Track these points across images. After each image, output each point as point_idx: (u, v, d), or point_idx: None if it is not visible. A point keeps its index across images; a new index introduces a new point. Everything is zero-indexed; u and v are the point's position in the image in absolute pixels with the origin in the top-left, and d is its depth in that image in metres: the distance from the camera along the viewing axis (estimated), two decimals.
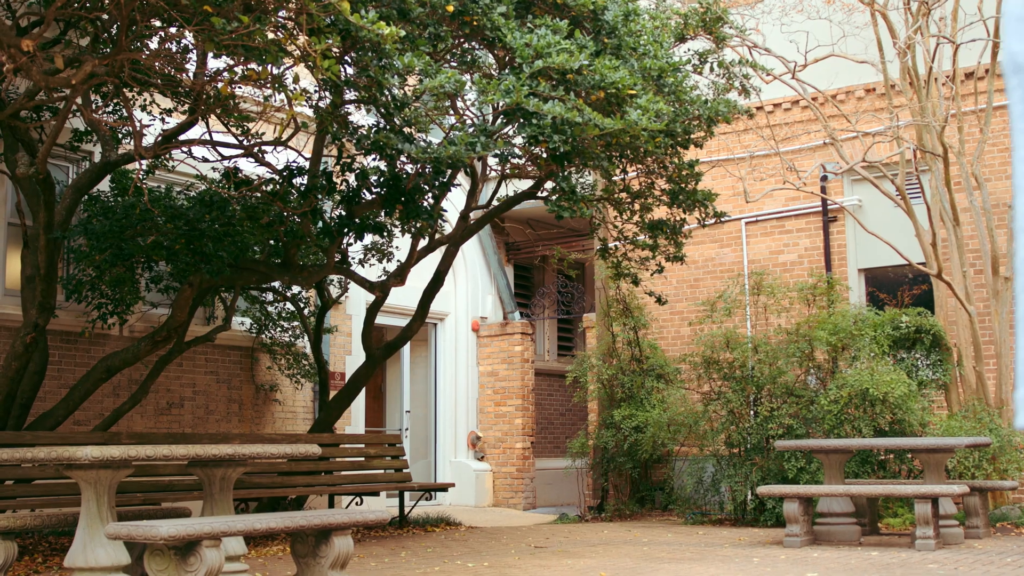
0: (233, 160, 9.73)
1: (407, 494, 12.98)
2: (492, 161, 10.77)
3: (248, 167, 10.69)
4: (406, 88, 8.60)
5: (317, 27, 6.92)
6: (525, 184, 12.10)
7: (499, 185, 11.50)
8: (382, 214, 10.03)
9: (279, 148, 9.45)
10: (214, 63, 8.75)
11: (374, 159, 9.65)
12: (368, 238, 11.48)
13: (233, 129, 9.53)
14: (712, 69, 10.92)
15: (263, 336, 12.51)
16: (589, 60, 7.87)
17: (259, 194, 9.51)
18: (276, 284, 11.85)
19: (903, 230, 12.74)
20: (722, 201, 12.95)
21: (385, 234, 10.69)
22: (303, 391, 13.45)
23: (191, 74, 8.62)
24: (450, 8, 7.96)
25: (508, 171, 10.40)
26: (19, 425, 9.19)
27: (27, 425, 9.33)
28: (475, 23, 8.12)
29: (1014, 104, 1.90)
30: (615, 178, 11.01)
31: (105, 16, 7.68)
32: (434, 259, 12.35)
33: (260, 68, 7.30)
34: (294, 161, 9.82)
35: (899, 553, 9.09)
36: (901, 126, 12.37)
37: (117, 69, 7.33)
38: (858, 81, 13.98)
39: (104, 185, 10.37)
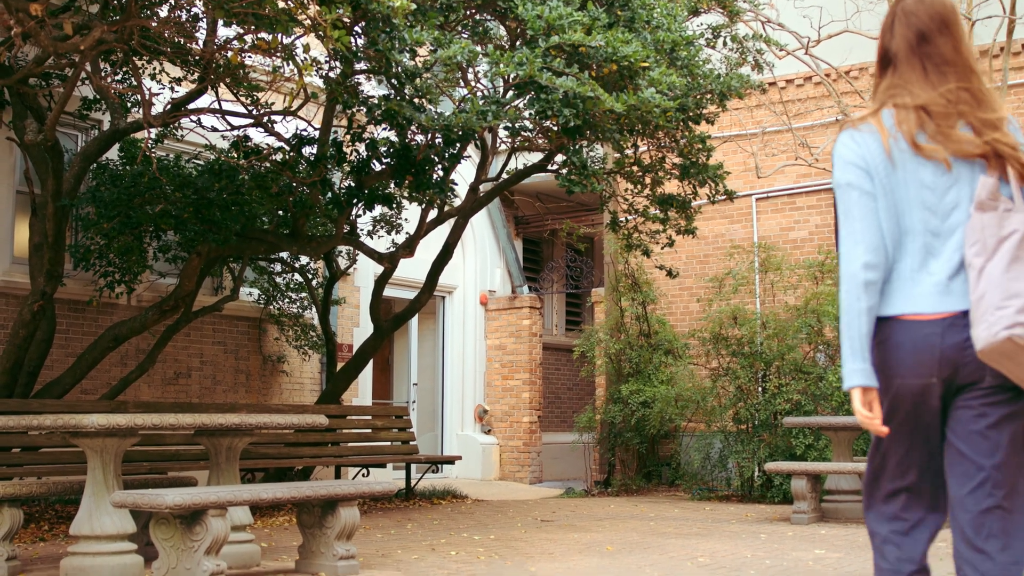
0: (242, 129, 9.68)
1: (413, 466, 12.99)
2: (503, 133, 10.69)
3: (257, 136, 10.63)
4: (417, 60, 8.53)
5: None
6: (535, 157, 12.02)
7: (509, 158, 11.43)
8: (392, 185, 9.97)
9: (288, 118, 9.39)
10: (224, 32, 8.68)
11: (384, 129, 9.59)
12: (377, 209, 11.43)
13: (242, 98, 9.47)
14: (725, 43, 10.83)
15: (271, 307, 12.49)
16: (602, 32, 7.79)
17: (268, 164, 9.46)
18: (284, 255, 11.82)
19: None
20: (733, 177, 12.86)
21: (394, 205, 10.63)
22: (310, 362, 13.45)
23: (201, 43, 8.56)
24: None
25: (518, 143, 10.33)
26: (26, 393, 9.19)
27: (34, 393, 9.33)
28: None
29: (838, 215, 2.52)
30: (626, 151, 10.94)
31: None
32: (443, 231, 12.30)
33: (270, 37, 7.24)
34: (303, 131, 9.77)
35: None
36: None
37: (126, 36, 7.27)
38: (872, 58, 13.82)
39: (113, 153, 10.33)
